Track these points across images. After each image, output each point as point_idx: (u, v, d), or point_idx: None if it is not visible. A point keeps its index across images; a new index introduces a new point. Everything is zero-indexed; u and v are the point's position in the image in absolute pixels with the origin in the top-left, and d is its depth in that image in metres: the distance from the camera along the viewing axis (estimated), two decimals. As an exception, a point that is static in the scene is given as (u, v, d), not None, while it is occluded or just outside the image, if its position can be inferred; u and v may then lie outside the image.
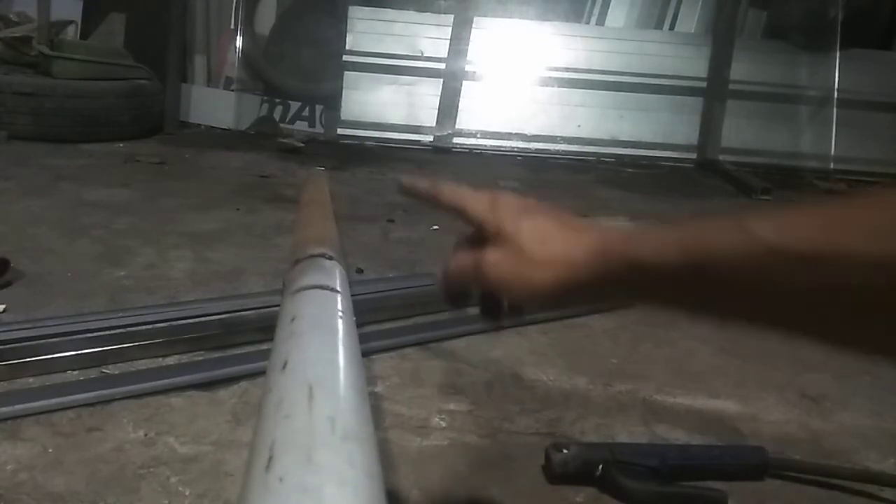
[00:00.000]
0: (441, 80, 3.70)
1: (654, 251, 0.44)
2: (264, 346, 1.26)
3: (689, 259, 0.42)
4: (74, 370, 1.19)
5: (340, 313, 0.52)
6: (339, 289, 0.58)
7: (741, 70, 3.76)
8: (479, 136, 3.72)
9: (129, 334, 1.26)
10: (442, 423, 1.12)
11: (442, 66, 3.69)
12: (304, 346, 0.47)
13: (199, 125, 3.81)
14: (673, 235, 0.44)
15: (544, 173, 3.34)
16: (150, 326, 1.29)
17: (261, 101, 3.87)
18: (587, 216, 2.49)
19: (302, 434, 0.35)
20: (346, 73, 3.67)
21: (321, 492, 0.30)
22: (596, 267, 0.47)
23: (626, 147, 3.76)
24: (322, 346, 0.47)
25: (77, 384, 1.14)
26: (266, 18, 4.00)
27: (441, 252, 0.58)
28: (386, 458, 1.01)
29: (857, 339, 0.38)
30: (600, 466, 0.97)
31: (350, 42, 3.67)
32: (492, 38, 3.73)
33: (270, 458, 0.32)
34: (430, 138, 3.69)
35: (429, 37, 3.71)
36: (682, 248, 0.42)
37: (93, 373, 1.19)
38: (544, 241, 0.50)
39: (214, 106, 3.86)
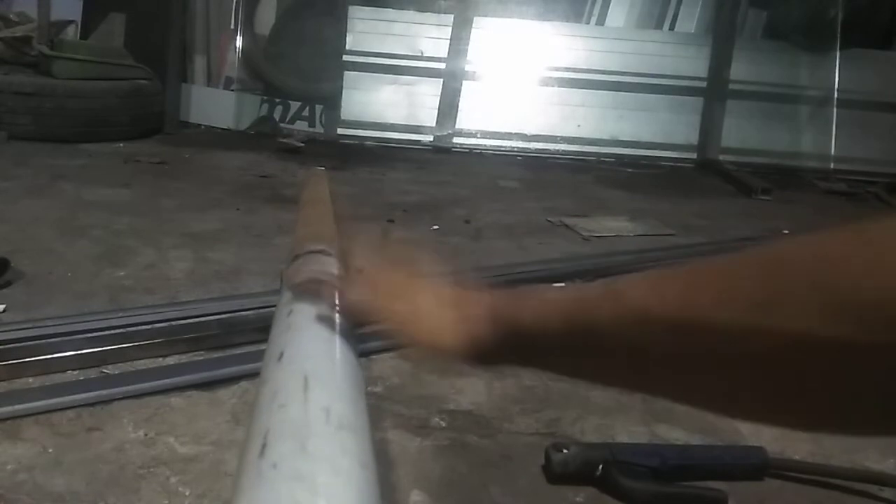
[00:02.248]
0: (441, 79, 3.70)
1: (535, 316, 0.44)
2: (264, 346, 1.26)
3: (568, 326, 0.42)
4: (74, 370, 1.19)
5: (338, 308, 0.52)
6: (336, 284, 0.58)
7: (741, 70, 3.76)
8: (479, 135, 3.72)
9: (129, 334, 1.26)
10: (442, 423, 1.12)
11: (442, 65, 3.69)
12: (301, 338, 0.47)
13: (199, 125, 3.81)
14: (555, 301, 0.44)
15: (544, 173, 3.34)
16: (150, 326, 1.29)
17: (261, 101, 3.87)
18: (587, 216, 2.49)
19: (296, 423, 0.35)
20: (346, 72, 3.67)
21: (314, 479, 0.30)
22: (487, 330, 0.47)
23: (626, 147, 3.76)
24: (319, 338, 0.47)
25: (77, 384, 1.14)
26: (266, 18, 4.00)
27: (440, 252, 0.56)
28: (386, 457, 1.01)
29: (737, 404, 0.36)
30: (600, 466, 0.97)
31: (350, 42, 3.67)
32: (492, 38, 3.73)
33: (264, 446, 0.33)
34: (430, 138, 3.69)
35: (429, 37, 3.71)
36: (562, 314, 0.43)
37: (93, 373, 1.19)
38: (440, 306, 0.49)
39: (214, 106, 3.86)
